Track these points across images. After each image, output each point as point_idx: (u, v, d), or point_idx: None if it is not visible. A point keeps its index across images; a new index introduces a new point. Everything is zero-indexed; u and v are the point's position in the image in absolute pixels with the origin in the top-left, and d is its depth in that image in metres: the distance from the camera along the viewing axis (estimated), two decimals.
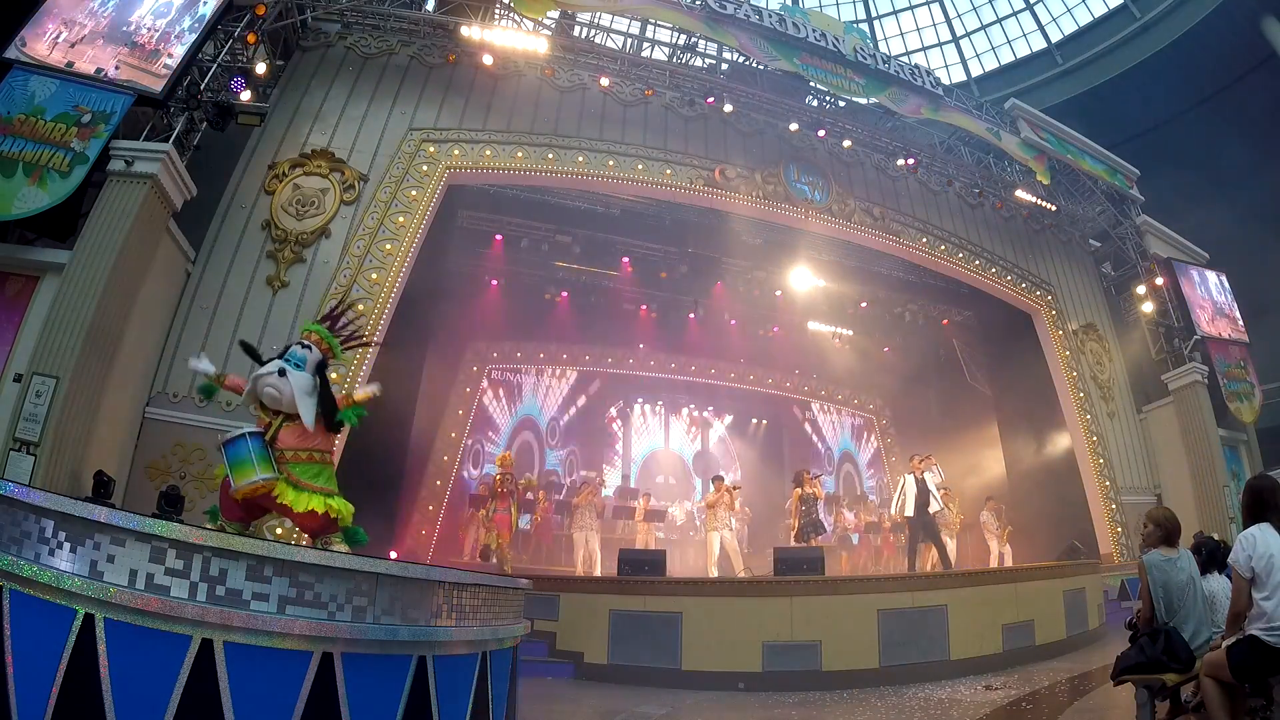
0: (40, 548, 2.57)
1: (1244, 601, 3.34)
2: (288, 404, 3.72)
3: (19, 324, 7.30)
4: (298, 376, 3.75)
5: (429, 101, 10.78)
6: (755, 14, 11.85)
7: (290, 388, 3.70)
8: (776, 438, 18.44)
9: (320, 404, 3.85)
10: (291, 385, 3.71)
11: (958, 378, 16.43)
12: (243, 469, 3.57)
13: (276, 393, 3.71)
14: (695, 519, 16.51)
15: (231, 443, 3.61)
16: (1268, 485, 3.54)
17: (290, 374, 3.74)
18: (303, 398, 3.71)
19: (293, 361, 3.81)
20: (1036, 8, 20.62)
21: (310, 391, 3.79)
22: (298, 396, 3.70)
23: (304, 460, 3.77)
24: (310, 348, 3.96)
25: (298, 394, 3.70)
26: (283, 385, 3.71)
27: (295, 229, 9.31)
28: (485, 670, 3.45)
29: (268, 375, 3.75)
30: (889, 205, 13.46)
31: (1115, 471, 13.59)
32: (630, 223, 13.27)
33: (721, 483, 10.66)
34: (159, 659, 2.48)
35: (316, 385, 3.84)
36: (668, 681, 6.68)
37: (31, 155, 7.38)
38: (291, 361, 3.81)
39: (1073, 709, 5.40)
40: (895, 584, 7.50)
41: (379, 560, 3.00)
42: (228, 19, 9.11)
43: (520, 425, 15.80)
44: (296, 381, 3.73)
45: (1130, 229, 15.16)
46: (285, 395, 3.71)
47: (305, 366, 3.82)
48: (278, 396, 3.71)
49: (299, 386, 3.72)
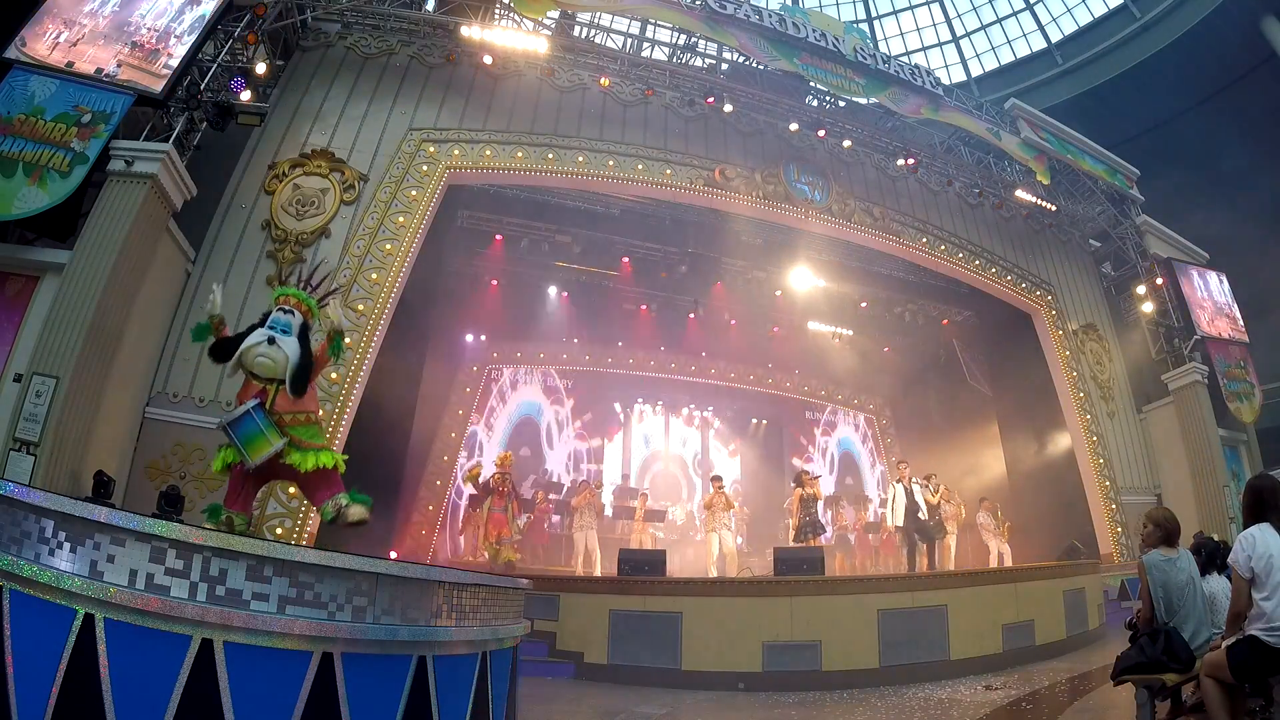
0: (40, 548, 2.57)
1: (1244, 602, 3.32)
2: (282, 370, 3.74)
3: (19, 324, 7.29)
4: (288, 342, 3.78)
5: (429, 101, 10.78)
6: (755, 14, 11.85)
7: (283, 354, 3.73)
8: (776, 438, 18.44)
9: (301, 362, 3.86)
10: (285, 351, 3.73)
11: (958, 378, 16.43)
12: (257, 442, 3.60)
13: (270, 361, 3.73)
14: (695, 519, 16.51)
15: (238, 421, 3.63)
16: (1268, 485, 3.52)
17: (280, 340, 3.76)
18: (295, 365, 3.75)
19: (279, 328, 3.82)
20: (1036, 8, 20.62)
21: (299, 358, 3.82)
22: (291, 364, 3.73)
23: (302, 423, 3.80)
24: (291, 311, 3.97)
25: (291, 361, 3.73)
26: (275, 353, 3.73)
27: (295, 229, 9.31)
28: (485, 670, 3.45)
29: (257, 345, 3.76)
30: (889, 205, 13.47)
31: (1115, 471, 13.59)
32: (630, 223, 13.27)
33: (719, 483, 10.70)
34: (159, 659, 2.47)
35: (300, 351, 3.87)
36: (668, 681, 6.68)
37: (31, 155, 7.37)
38: (278, 328, 3.82)
39: (1073, 709, 5.40)
40: (895, 584, 7.51)
41: (379, 560, 3.00)
42: (228, 19, 9.11)
43: (520, 425, 15.81)
44: (289, 347, 3.76)
45: (1130, 229, 15.16)
46: (279, 362, 3.72)
47: (292, 331, 3.85)
48: (272, 365, 3.73)
49: (291, 353, 3.75)
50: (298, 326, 3.90)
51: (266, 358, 3.72)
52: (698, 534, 16.15)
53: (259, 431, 3.61)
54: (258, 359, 3.73)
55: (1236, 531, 3.97)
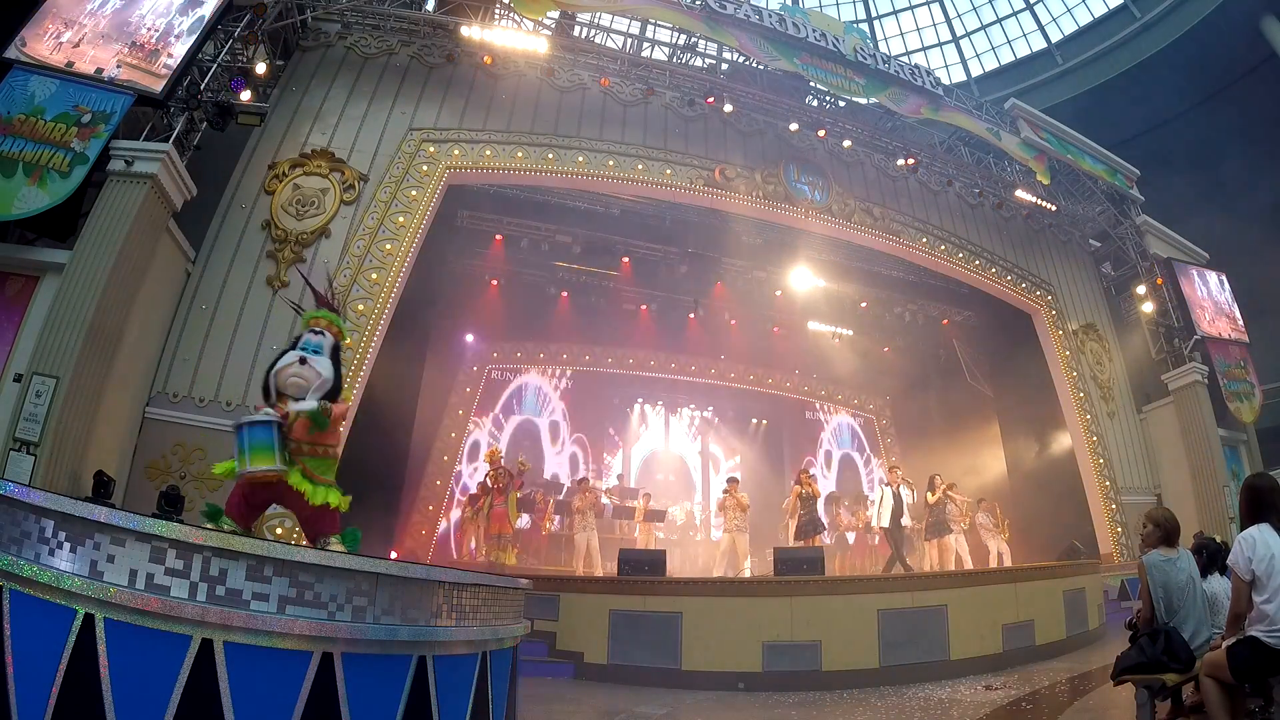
0: (40, 548, 2.57)
1: (1244, 604, 3.29)
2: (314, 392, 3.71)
3: (19, 324, 7.30)
4: (320, 361, 3.74)
5: (429, 101, 10.78)
6: (755, 14, 11.85)
7: (314, 372, 3.68)
8: (776, 438, 18.44)
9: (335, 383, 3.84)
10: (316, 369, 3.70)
11: (958, 378, 16.43)
12: (261, 454, 3.51)
13: (303, 381, 3.68)
14: (695, 519, 16.51)
15: (255, 426, 3.54)
16: (1266, 484, 3.47)
17: (311, 360, 3.72)
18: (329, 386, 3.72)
19: (310, 349, 3.79)
20: (1036, 8, 20.63)
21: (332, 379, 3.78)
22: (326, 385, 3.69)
23: (319, 455, 3.76)
24: (323, 333, 3.94)
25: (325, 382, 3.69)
26: (307, 373, 3.68)
27: (295, 229, 9.31)
28: (485, 670, 3.45)
29: (288, 366, 3.71)
30: (889, 205, 13.47)
31: (1115, 471, 13.59)
32: (630, 223, 13.27)
33: (735, 485, 10.71)
34: (159, 659, 2.47)
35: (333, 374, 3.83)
36: (668, 681, 6.68)
37: (31, 155, 7.38)
38: (309, 349, 3.79)
39: (1073, 709, 5.40)
40: (895, 584, 7.50)
41: (379, 560, 3.00)
42: (228, 19, 9.11)
43: (520, 425, 15.81)
44: (321, 366, 3.72)
45: (1130, 229, 15.16)
46: (311, 380, 3.68)
47: (324, 351, 3.81)
48: (304, 385, 3.68)
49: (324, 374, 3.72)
50: (329, 347, 3.87)
51: (299, 378, 3.68)
52: (698, 534, 16.17)
53: (269, 445, 3.52)
54: (290, 379, 3.69)
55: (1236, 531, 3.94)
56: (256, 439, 3.53)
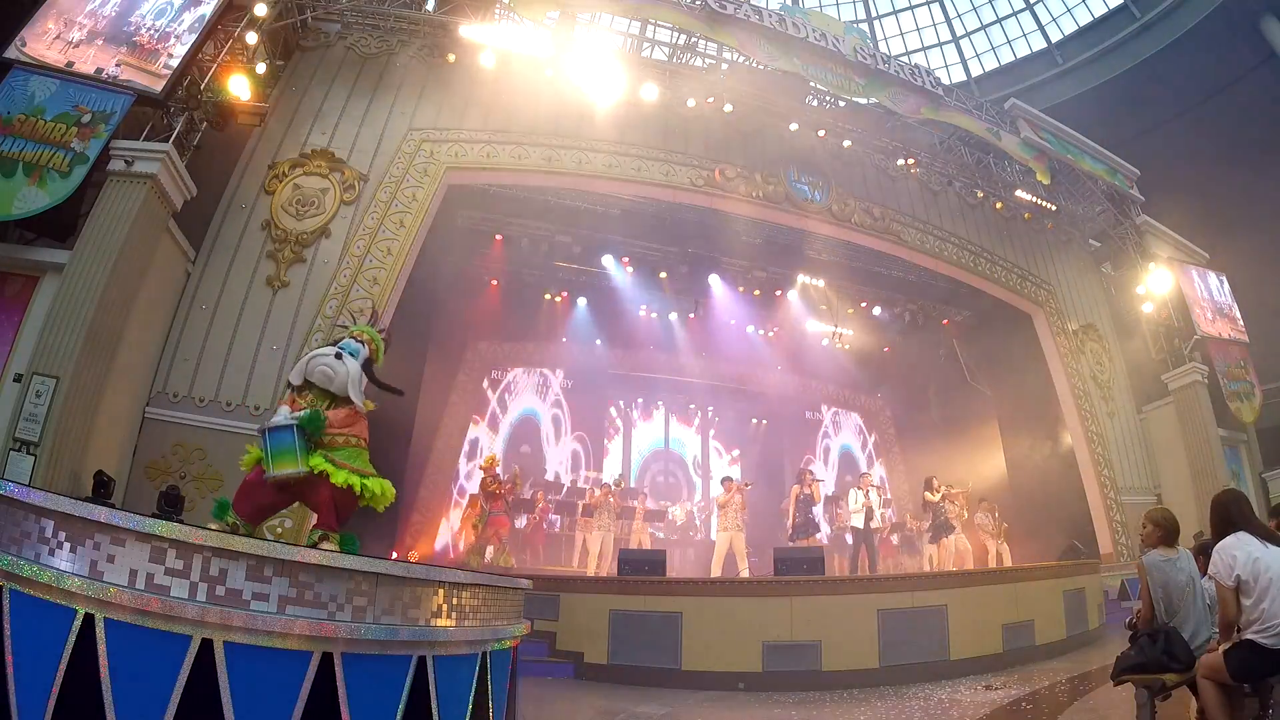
0: (40, 548, 2.57)
1: (1233, 610, 3.36)
2: (338, 385, 3.87)
3: (19, 324, 7.30)
4: (351, 363, 3.95)
5: (429, 101, 10.77)
6: (755, 14, 11.83)
7: (344, 371, 3.89)
8: (777, 438, 18.44)
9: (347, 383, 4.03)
10: (346, 369, 3.90)
11: (958, 378, 16.43)
12: (285, 457, 3.63)
13: (331, 371, 3.86)
14: (695, 519, 16.51)
15: (277, 430, 3.67)
16: (1231, 499, 3.63)
17: (345, 358, 3.93)
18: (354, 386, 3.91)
19: (347, 350, 4.02)
20: (1036, 8, 20.60)
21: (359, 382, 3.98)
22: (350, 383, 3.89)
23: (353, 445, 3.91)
24: (362, 344, 4.17)
25: (350, 380, 3.89)
26: (337, 366, 3.88)
27: (295, 229, 9.31)
28: (485, 670, 3.45)
29: (323, 356, 3.92)
30: (889, 205, 13.46)
31: (1115, 471, 13.59)
32: (630, 223, 13.26)
33: (732, 483, 10.67)
34: (159, 659, 2.48)
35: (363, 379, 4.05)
36: (668, 681, 6.68)
37: (31, 155, 7.38)
38: (346, 350, 4.01)
39: (1073, 709, 5.40)
40: (895, 584, 7.51)
41: (379, 560, 3.00)
42: (228, 19, 9.10)
43: (520, 425, 15.80)
44: (350, 367, 3.92)
45: (1130, 229, 15.15)
46: (339, 376, 3.87)
47: (359, 357, 4.04)
48: (331, 375, 3.86)
49: (352, 373, 3.92)
50: (363, 356, 4.10)
51: (328, 368, 3.87)
52: (698, 533, 16.17)
53: (290, 448, 3.64)
54: (319, 367, 3.88)
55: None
56: (278, 443, 3.64)
